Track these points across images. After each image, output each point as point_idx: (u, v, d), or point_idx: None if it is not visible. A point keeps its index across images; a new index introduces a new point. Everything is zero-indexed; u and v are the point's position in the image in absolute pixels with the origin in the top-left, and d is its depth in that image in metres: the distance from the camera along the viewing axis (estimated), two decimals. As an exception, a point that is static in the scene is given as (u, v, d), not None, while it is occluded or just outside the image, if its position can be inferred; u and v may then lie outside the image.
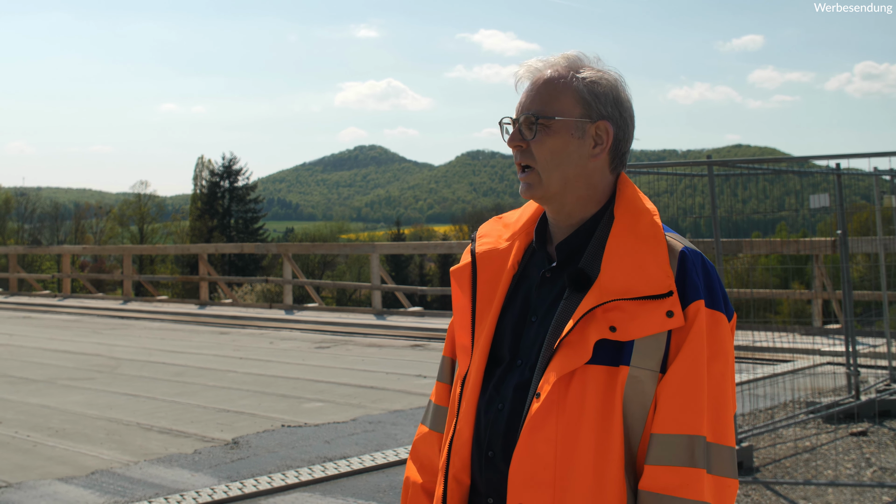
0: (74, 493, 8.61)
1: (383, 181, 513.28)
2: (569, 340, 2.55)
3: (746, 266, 16.00)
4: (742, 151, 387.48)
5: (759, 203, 12.54)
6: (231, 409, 12.31)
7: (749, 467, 9.07)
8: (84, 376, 15.32)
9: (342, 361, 16.66)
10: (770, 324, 15.00)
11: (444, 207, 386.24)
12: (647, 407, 2.52)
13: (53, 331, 23.24)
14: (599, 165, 2.73)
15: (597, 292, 2.56)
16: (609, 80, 2.75)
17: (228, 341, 20.26)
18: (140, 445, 10.45)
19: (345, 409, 12.18)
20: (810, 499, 8.18)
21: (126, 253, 36.05)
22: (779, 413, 11.36)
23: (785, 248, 15.29)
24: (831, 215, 11.94)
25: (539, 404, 2.53)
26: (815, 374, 13.38)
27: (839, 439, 10.20)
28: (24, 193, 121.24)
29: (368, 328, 21.99)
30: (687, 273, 2.57)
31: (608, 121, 2.71)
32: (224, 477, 9.03)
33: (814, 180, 12.40)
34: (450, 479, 2.75)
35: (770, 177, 12.15)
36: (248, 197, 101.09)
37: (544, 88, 2.73)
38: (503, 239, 2.92)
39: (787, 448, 9.87)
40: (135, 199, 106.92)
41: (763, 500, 8.18)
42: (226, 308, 28.33)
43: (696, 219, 12.65)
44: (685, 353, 2.51)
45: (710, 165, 9.92)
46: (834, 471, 9.01)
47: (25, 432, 11.21)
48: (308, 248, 34.61)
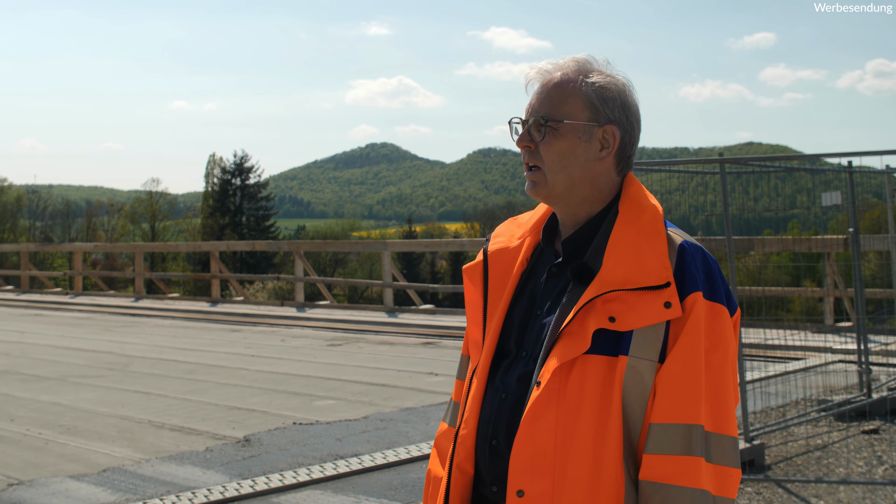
0: (86, 491, 8.62)
1: (395, 179, 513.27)
2: (569, 330, 2.60)
3: (758, 264, 15.98)
4: (754, 149, 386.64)
5: (771, 201, 12.49)
6: (242, 407, 12.32)
7: (761, 465, 9.06)
8: (95, 374, 15.34)
9: (354, 359, 16.66)
10: (782, 322, 14.98)
11: (455, 205, 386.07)
12: (645, 397, 2.57)
13: (65, 328, 23.28)
14: (605, 168, 2.80)
15: (597, 283, 2.62)
16: (617, 84, 2.81)
17: (240, 339, 20.27)
18: (151, 443, 10.46)
19: (356, 407, 12.18)
20: (822, 496, 8.17)
21: (138, 250, 36.11)
22: (790, 411, 11.35)
23: (797, 245, 15.25)
24: (843, 213, 11.92)
25: (539, 392, 2.58)
26: (826, 372, 13.36)
27: (851, 437, 10.19)
28: (35, 191, 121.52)
29: (380, 326, 21.98)
30: (685, 265, 2.62)
31: (615, 125, 2.77)
32: (235, 474, 9.03)
33: (826, 178, 12.40)
34: (453, 468, 2.80)
35: (782, 174, 12.14)
36: (260, 194, 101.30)
37: (554, 92, 2.79)
38: (515, 238, 3.00)
39: (798, 446, 9.85)
40: (146, 197, 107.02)
41: (775, 497, 8.17)
42: (237, 306, 28.35)
43: (708, 216, 12.64)
44: (682, 343, 2.56)
45: (721, 163, 9.91)
46: (846, 469, 8.99)
47: (37, 430, 11.23)
48: (320, 245, 34.60)
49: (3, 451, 10.26)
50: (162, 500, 8.20)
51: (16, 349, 18.85)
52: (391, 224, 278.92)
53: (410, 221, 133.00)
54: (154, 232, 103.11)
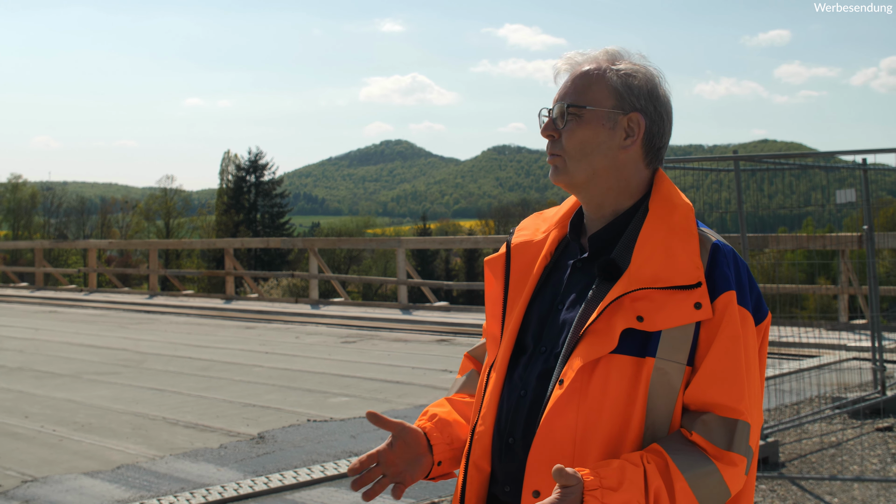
0: (100, 488, 8.63)
1: (409, 176, 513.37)
2: (595, 328, 2.55)
3: (772, 261, 15.97)
4: (768, 146, 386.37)
5: (786, 198, 12.46)
6: (257, 404, 12.34)
7: (775, 462, 9.05)
8: (110, 371, 15.36)
9: (368, 356, 16.68)
10: (796, 319, 14.94)
11: (470, 202, 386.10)
12: (673, 400, 2.52)
13: (79, 325, 23.31)
14: (632, 158, 2.73)
15: (625, 281, 2.57)
16: (646, 73, 2.76)
17: (254, 336, 20.30)
18: (166, 440, 10.47)
19: (371, 404, 12.18)
20: (836, 494, 8.16)
21: (152, 247, 36.16)
22: (805, 408, 11.33)
23: (811, 243, 15.22)
24: (857, 210, 11.89)
25: (562, 391, 2.53)
26: (841, 370, 13.33)
27: (865, 435, 10.17)
28: (50, 188, 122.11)
29: (394, 323, 21.97)
30: (717, 265, 2.57)
31: (641, 113, 2.71)
32: (250, 471, 9.04)
33: (840, 175, 12.36)
34: (470, 465, 2.76)
35: (796, 172, 12.11)
36: (274, 192, 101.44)
37: (580, 80, 2.75)
38: (540, 231, 2.95)
39: (812, 443, 9.84)
40: (161, 194, 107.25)
41: (789, 495, 8.16)
42: (252, 303, 28.39)
43: (723, 214, 12.60)
44: (721, 339, 2.51)
45: (736, 160, 9.90)
46: (860, 466, 8.98)
47: (51, 427, 11.25)
48: (334, 242, 34.57)
49: (17, 447, 10.28)
50: (176, 497, 8.21)
51: (30, 346, 18.89)
52: (406, 221, 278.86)
53: (425, 219, 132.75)
54: (168, 229, 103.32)
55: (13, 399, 13.01)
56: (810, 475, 8.66)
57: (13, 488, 8.67)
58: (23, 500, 8.30)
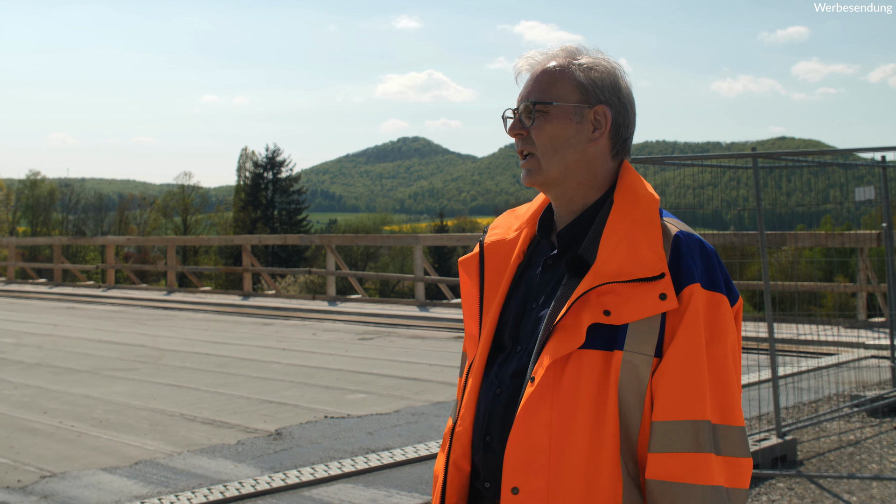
0: (118, 483, 8.64)
1: (426, 173, 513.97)
2: (563, 325, 2.57)
3: (791, 259, 15.95)
4: (786, 144, 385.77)
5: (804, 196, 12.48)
6: (274, 401, 12.35)
7: (793, 461, 9.03)
8: (128, 367, 15.40)
9: (385, 353, 16.69)
10: (814, 317, 14.93)
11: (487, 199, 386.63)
12: (642, 392, 2.53)
13: (97, 321, 23.38)
14: (600, 151, 2.76)
15: (591, 276, 2.58)
16: (607, 67, 2.79)
17: (272, 332, 20.32)
18: (183, 436, 10.49)
19: (388, 401, 12.19)
20: (854, 493, 8.14)
21: (170, 244, 36.20)
22: (823, 406, 11.31)
23: (829, 240, 15.22)
24: (876, 208, 11.87)
25: (533, 388, 2.55)
26: (859, 368, 13.31)
27: (883, 433, 10.15)
28: (68, 184, 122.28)
29: (411, 320, 22.01)
30: (681, 256, 2.57)
31: (606, 105, 2.74)
32: (267, 468, 9.05)
33: (858, 173, 12.32)
34: (450, 465, 2.79)
35: (814, 169, 12.08)
36: (292, 188, 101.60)
37: (542, 77, 2.78)
38: (512, 229, 2.98)
39: (831, 442, 9.82)
40: (178, 191, 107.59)
41: (807, 493, 8.14)
42: (269, 299, 28.43)
43: (741, 211, 12.59)
44: (682, 336, 2.51)
45: (754, 158, 9.87)
46: (878, 465, 8.96)
47: (69, 422, 11.27)
48: (351, 239, 34.54)
49: (35, 443, 10.31)
50: (194, 493, 8.22)
51: (48, 342, 18.95)
52: (423, 218, 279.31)
53: (442, 215, 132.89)
54: (186, 225, 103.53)
55: (32, 395, 13.04)
56: (828, 473, 8.64)
57: (32, 483, 8.69)
58: (41, 496, 8.32)
